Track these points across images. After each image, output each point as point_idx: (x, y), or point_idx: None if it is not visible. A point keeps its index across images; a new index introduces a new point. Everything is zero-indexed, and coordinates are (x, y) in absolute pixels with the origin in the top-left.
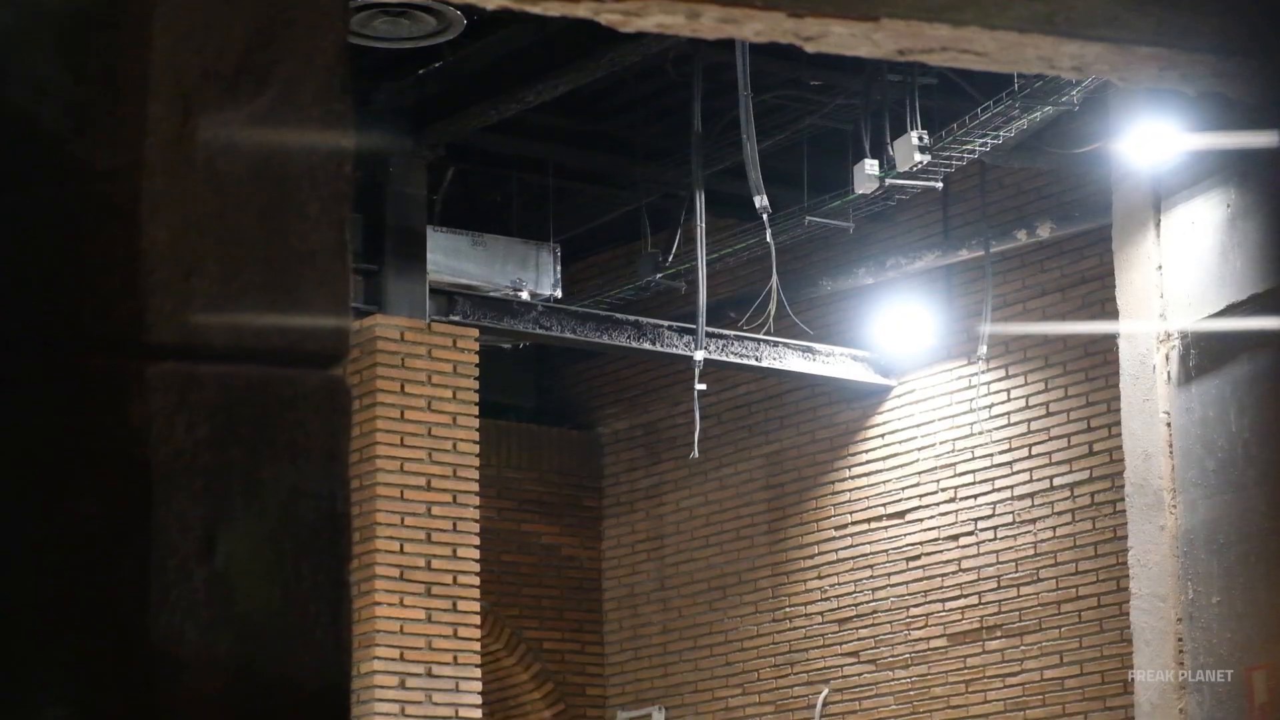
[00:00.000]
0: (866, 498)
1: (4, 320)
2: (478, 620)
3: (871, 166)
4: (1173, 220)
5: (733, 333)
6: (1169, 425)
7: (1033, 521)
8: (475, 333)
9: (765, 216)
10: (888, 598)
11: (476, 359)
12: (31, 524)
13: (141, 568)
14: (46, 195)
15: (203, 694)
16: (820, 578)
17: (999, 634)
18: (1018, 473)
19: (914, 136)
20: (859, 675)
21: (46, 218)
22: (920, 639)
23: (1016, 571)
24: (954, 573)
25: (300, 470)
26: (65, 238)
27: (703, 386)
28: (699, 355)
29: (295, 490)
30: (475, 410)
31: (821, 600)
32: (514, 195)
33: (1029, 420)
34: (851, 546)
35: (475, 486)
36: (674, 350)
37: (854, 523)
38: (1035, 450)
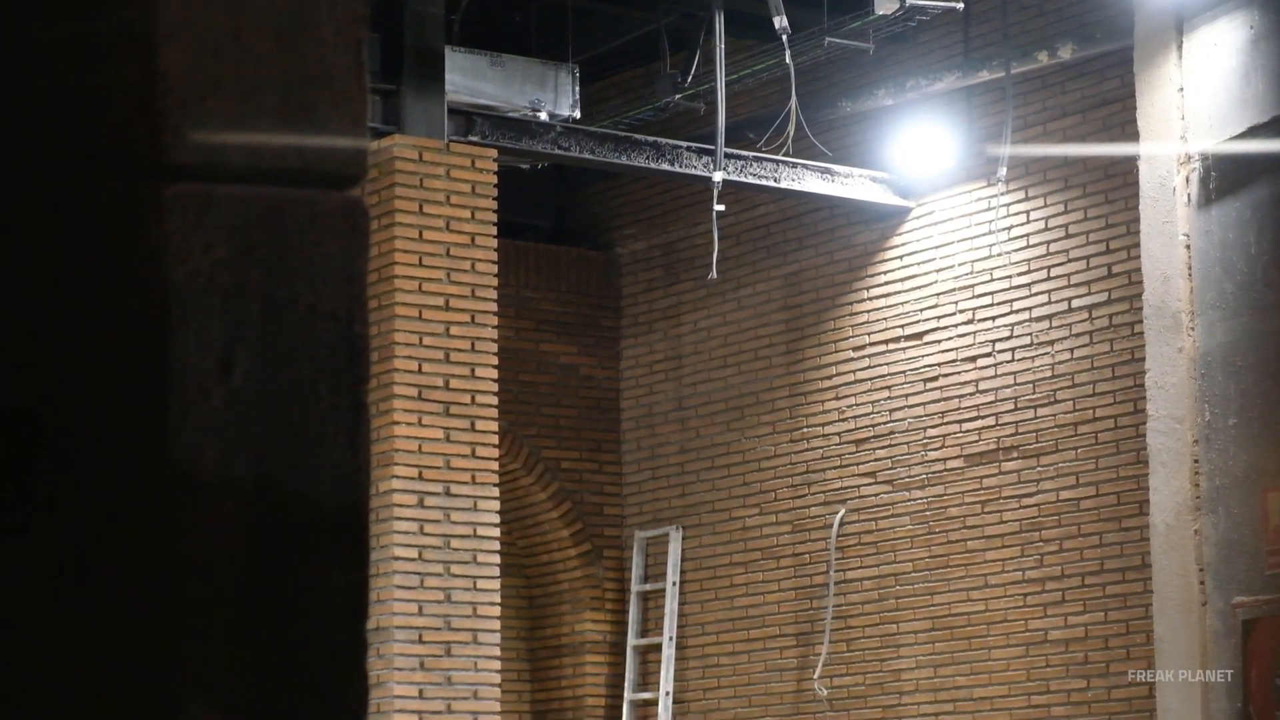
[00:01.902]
0: (884, 319)
1: (23, 145)
2: (496, 439)
3: None
4: (1195, 42)
5: (751, 154)
6: (1188, 248)
7: (1051, 343)
8: (494, 153)
9: (785, 37)
10: (905, 419)
11: (495, 179)
12: (50, 347)
13: (160, 388)
14: (64, 19)
15: (222, 513)
16: (838, 398)
17: (1016, 455)
18: (1036, 295)
19: None
20: (876, 495)
21: (64, 41)
22: (937, 460)
23: (1034, 393)
24: (971, 394)
25: (317, 291)
26: (82, 62)
27: (721, 207)
28: (717, 176)
29: (312, 311)
30: (493, 230)
31: (839, 421)
32: (533, 15)
33: (1048, 242)
34: (869, 368)
35: (493, 306)
36: (692, 171)
37: (872, 344)
38: (1054, 272)
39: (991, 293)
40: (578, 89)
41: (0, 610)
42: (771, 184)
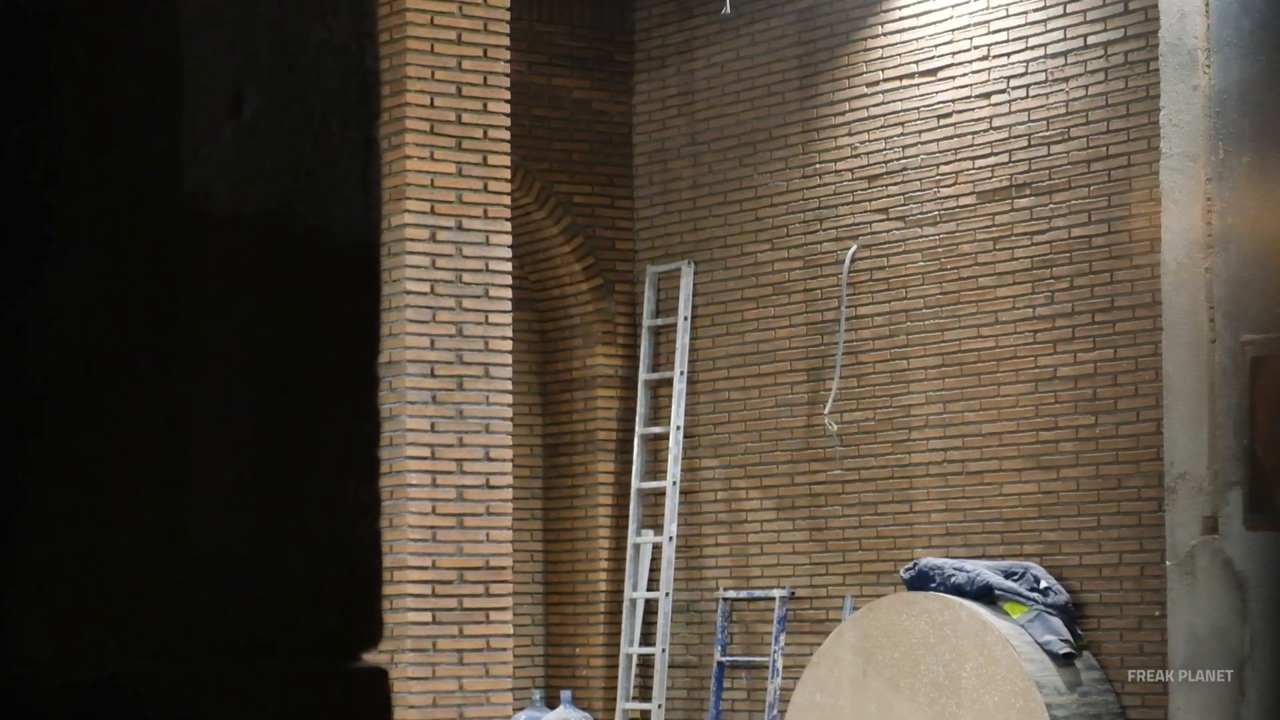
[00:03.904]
0: (899, 54)
1: None
2: (508, 174)
3: None
4: None
5: None
6: None
7: (1065, 80)
8: None
9: None
10: (918, 155)
11: None
12: (61, 83)
13: (171, 124)
14: None
15: (234, 250)
16: (851, 134)
17: (1028, 192)
18: (1051, 30)
19: None
20: (888, 232)
21: None
22: (949, 196)
23: (1047, 130)
24: (985, 130)
25: (328, 26)
26: None
27: None
28: None
29: (323, 46)
30: None
31: (851, 157)
32: None
33: None
34: (883, 104)
35: (506, 40)
36: None
37: (886, 80)
38: (1069, 8)
39: (1007, 29)
40: None
41: (15, 342)
42: None
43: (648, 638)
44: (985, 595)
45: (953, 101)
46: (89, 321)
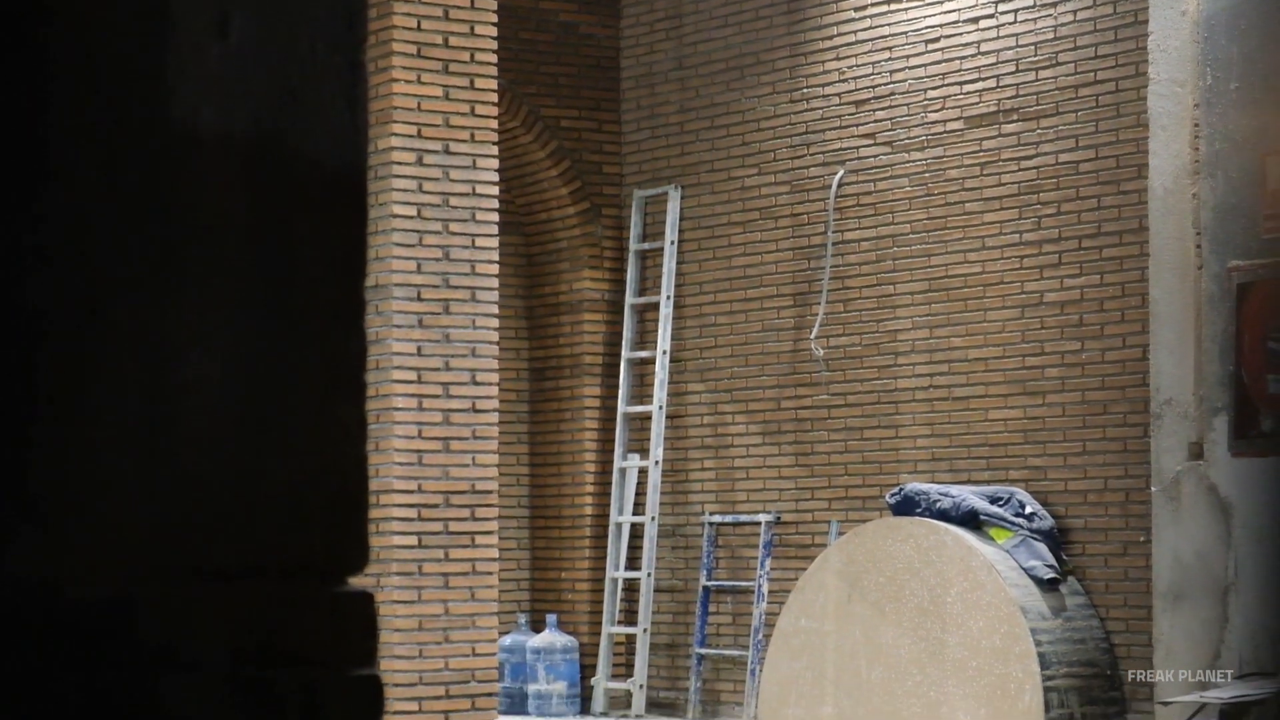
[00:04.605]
0: None
1: None
2: (495, 98)
3: None
4: None
5: None
6: None
7: (1053, 5)
8: None
9: None
10: (905, 80)
11: None
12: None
13: (159, 46)
14: None
15: (220, 173)
16: (838, 59)
17: (1016, 117)
18: None
19: None
20: (875, 157)
21: None
22: (937, 121)
23: (1035, 55)
24: (973, 55)
25: None
26: None
27: None
28: None
29: None
30: None
31: (839, 81)
32: None
33: None
34: (871, 28)
35: None
36: None
37: (874, 4)
38: None
39: None
40: None
41: (12, 265)
42: None
43: (633, 562)
44: (970, 520)
45: (940, 26)
46: (79, 245)
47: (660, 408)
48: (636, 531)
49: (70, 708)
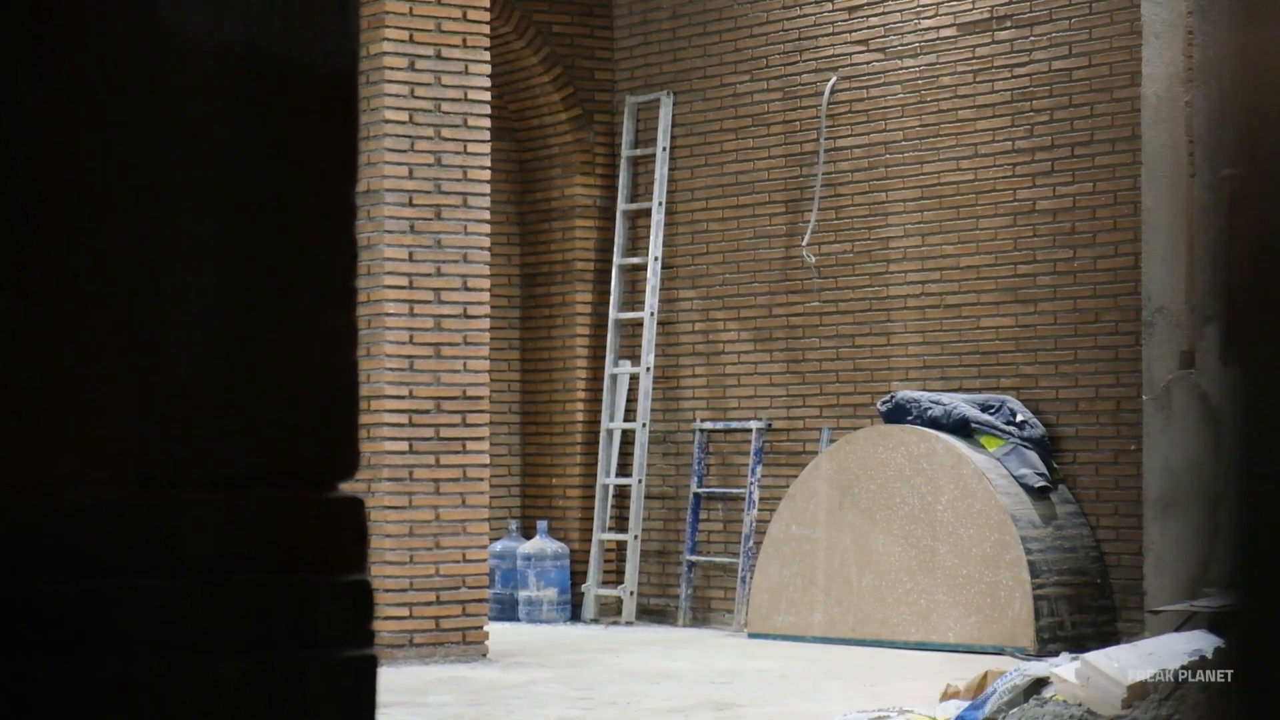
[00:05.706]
0: None
1: None
2: (487, 2)
3: None
4: None
5: None
6: None
7: None
8: None
9: None
10: None
11: None
12: None
13: None
14: None
15: (210, 77)
16: None
17: (1009, 24)
18: None
19: None
20: (868, 63)
21: None
22: (930, 28)
23: None
24: None
25: None
26: None
27: None
28: None
29: None
30: None
31: None
32: None
33: None
34: None
35: None
36: None
37: None
38: None
39: None
40: None
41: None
42: None
43: (624, 468)
44: (962, 428)
45: None
46: (67, 148)
47: (652, 314)
48: (627, 438)
49: (58, 612)
